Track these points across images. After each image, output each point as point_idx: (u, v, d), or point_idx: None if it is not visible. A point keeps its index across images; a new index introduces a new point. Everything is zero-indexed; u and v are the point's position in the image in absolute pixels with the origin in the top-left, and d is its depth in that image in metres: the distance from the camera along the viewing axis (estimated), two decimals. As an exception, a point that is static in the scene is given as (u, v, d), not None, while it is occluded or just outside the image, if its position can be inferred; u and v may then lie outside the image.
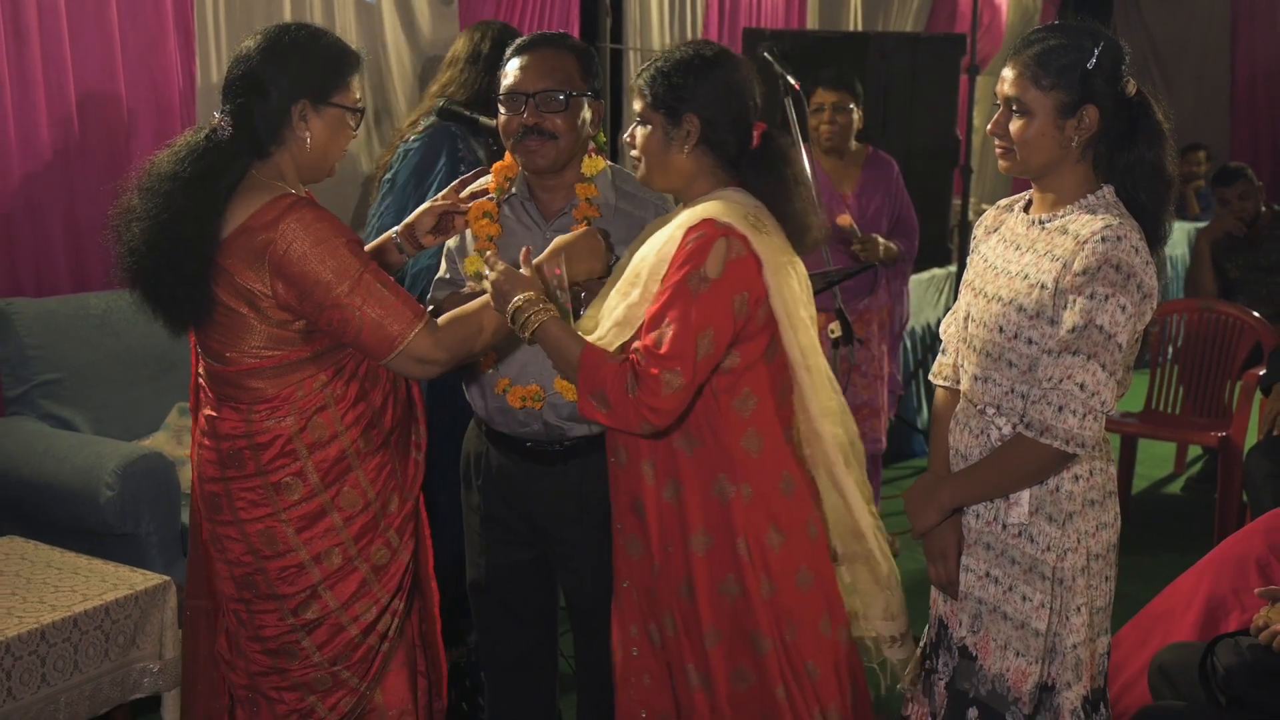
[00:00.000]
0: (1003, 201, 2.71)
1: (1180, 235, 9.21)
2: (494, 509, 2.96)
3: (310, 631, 2.57)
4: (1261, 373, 5.15)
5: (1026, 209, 2.59)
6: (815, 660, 2.57)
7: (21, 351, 3.96)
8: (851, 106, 4.93)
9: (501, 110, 2.80)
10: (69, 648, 2.96)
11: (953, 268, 6.80)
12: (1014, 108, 2.45)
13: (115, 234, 2.46)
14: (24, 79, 4.08)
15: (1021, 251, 2.51)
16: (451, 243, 2.91)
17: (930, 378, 2.84)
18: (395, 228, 2.84)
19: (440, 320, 2.53)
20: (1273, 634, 2.76)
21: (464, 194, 2.86)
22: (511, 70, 2.79)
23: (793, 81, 4.35)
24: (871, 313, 5.08)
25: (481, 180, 2.93)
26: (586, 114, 2.79)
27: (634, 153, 2.53)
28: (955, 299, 2.74)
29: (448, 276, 2.97)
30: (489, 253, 2.56)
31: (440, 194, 2.87)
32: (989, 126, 2.53)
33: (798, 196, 2.52)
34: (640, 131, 2.51)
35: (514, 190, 2.88)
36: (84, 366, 4.07)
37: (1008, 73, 2.46)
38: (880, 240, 4.88)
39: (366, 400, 2.56)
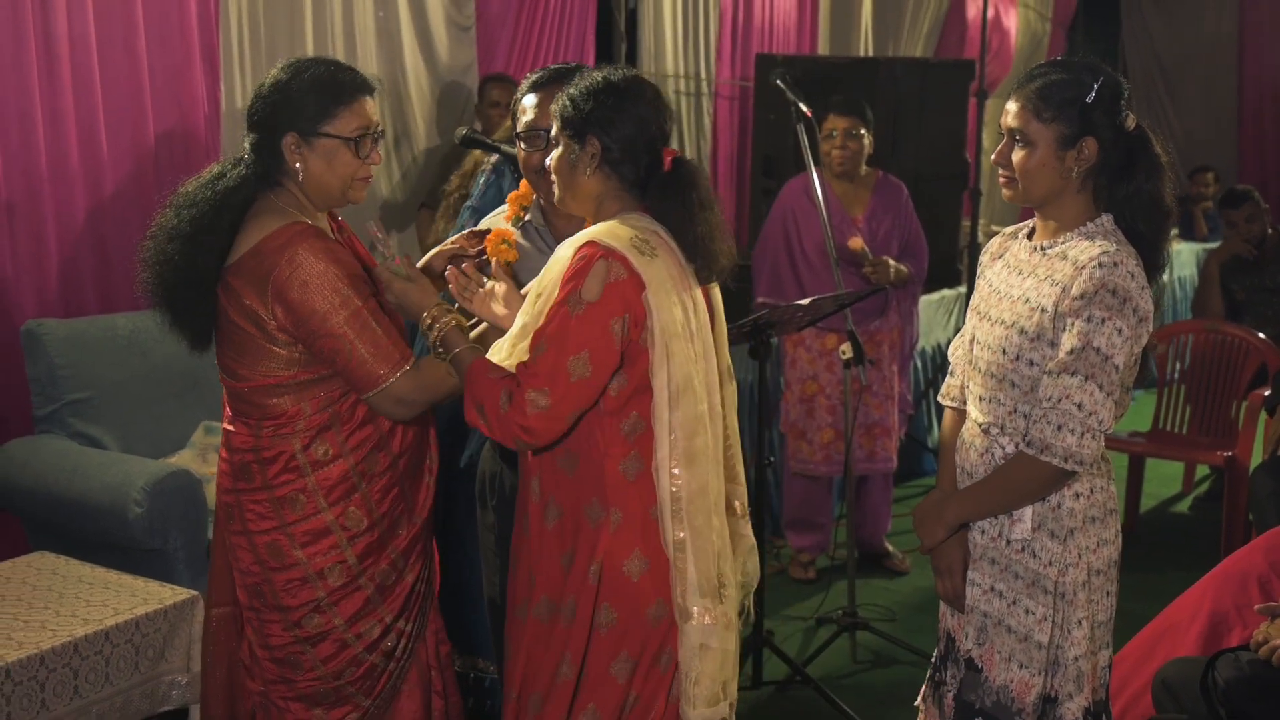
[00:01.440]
0: (1008, 229, 2.80)
1: (1189, 256, 9.25)
2: (507, 529, 3.00)
3: (314, 644, 2.64)
4: (1266, 393, 5.21)
5: (1030, 236, 2.67)
6: (641, 694, 2.48)
7: (51, 371, 4.03)
8: (863, 132, 5.01)
9: (521, 146, 2.88)
10: (101, 660, 3.03)
11: (962, 289, 6.86)
12: (1016, 138, 2.54)
13: (141, 253, 2.58)
14: (55, 106, 4.18)
15: (1023, 276, 2.59)
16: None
17: (939, 399, 2.91)
18: None
19: (423, 361, 2.59)
20: (1272, 649, 2.83)
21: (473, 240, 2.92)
22: (529, 106, 2.86)
23: (804, 109, 4.42)
24: (882, 334, 5.15)
25: (495, 214, 3.01)
26: None
27: (553, 176, 2.57)
28: (964, 320, 2.81)
29: None
30: (396, 262, 2.56)
31: (451, 239, 2.94)
32: (993, 156, 2.61)
33: (701, 221, 2.49)
34: (554, 153, 2.55)
35: (528, 217, 2.96)
36: (112, 385, 4.14)
37: (1011, 105, 2.55)
38: (891, 263, 4.95)
39: (374, 423, 2.63)
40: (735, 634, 2.56)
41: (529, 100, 2.86)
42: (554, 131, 2.53)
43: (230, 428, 2.65)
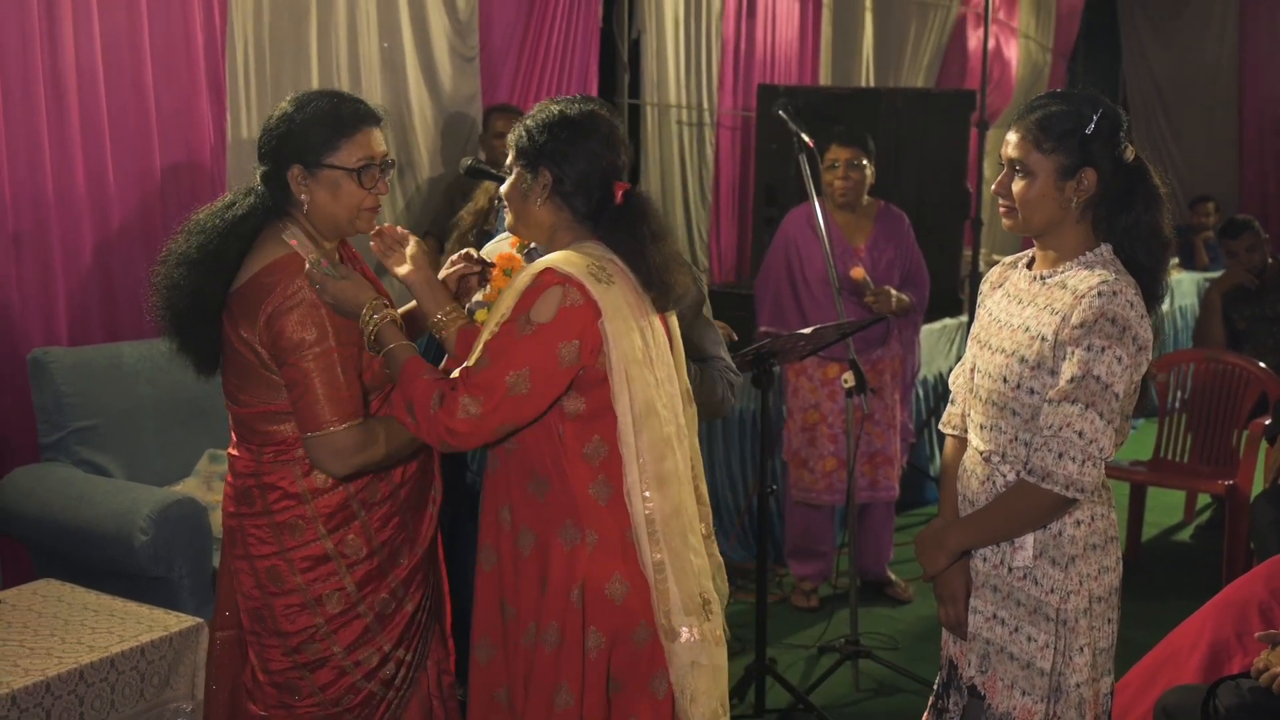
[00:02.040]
0: (1007, 259, 2.82)
1: (1189, 285, 9.28)
2: None
3: (312, 671, 2.64)
4: (1267, 422, 5.23)
5: (1029, 265, 2.70)
6: (642, 718, 2.51)
7: (58, 399, 4.05)
8: (865, 162, 5.04)
9: None
10: (106, 687, 3.04)
11: (963, 318, 6.88)
12: (1016, 169, 2.57)
13: (152, 278, 2.61)
14: (62, 136, 4.21)
15: (1023, 305, 2.61)
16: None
17: (940, 427, 2.93)
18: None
19: (371, 423, 2.57)
20: (1272, 676, 2.85)
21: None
22: None
23: (807, 139, 4.44)
24: (884, 363, 5.17)
25: (500, 240, 3.03)
26: None
27: (506, 204, 2.62)
28: (966, 349, 2.83)
29: None
30: (324, 265, 2.54)
31: (451, 259, 2.96)
32: (993, 186, 2.64)
33: (655, 253, 2.53)
34: (508, 181, 2.59)
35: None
36: (118, 413, 4.16)
37: (1011, 136, 2.59)
38: (892, 292, 4.98)
39: None
40: (725, 650, 2.58)
41: None
42: (509, 160, 2.58)
43: (234, 452, 2.68)
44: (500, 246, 3.04)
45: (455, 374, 2.43)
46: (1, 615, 3.19)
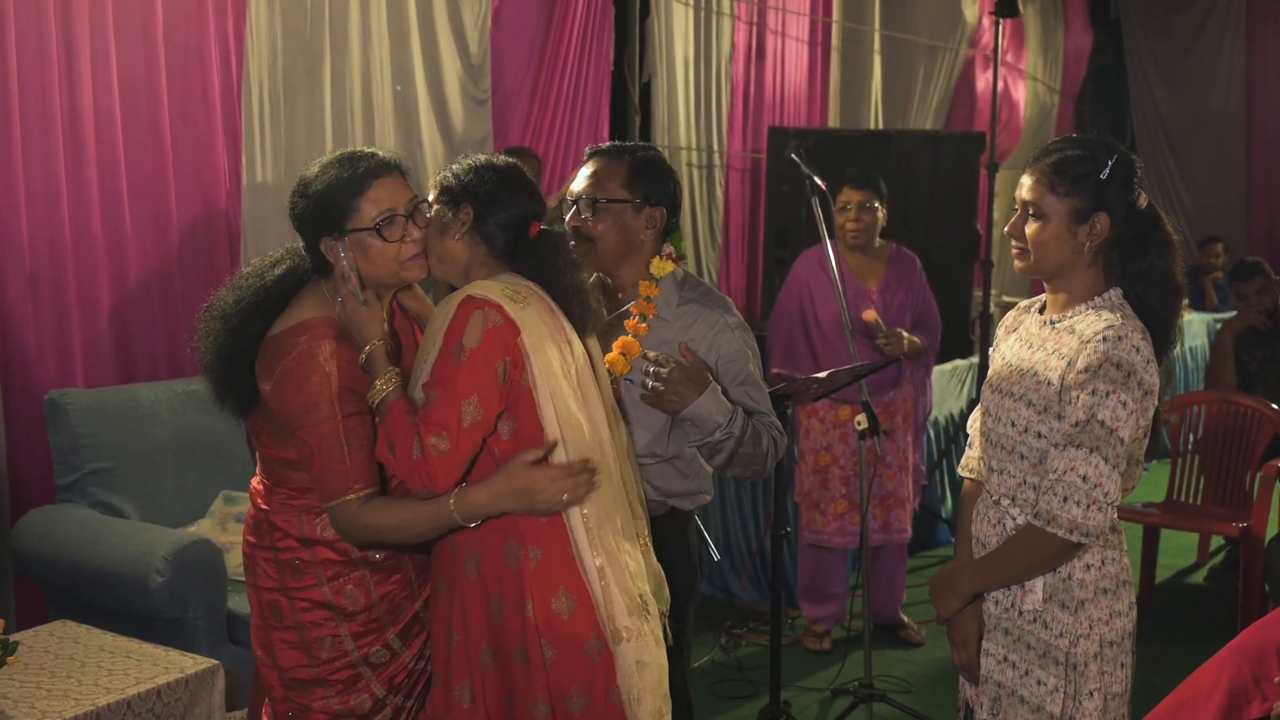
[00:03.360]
0: (1023, 303, 2.84)
1: (1199, 326, 9.28)
2: None
3: (306, 710, 2.65)
4: (1280, 464, 5.22)
5: (1042, 310, 2.71)
6: None
7: (74, 440, 4.07)
8: (876, 205, 5.06)
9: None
10: (122, 729, 3.05)
11: (974, 359, 6.87)
12: (1030, 211, 2.60)
13: (198, 323, 2.65)
14: (79, 179, 4.26)
15: (1033, 350, 2.63)
16: None
17: (958, 470, 2.94)
18: None
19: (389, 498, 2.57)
20: (1291, 720, 2.83)
21: None
22: (580, 175, 3.02)
23: (819, 182, 4.46)
24: (896, 405, 5.17)
25: None
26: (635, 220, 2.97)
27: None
28: (977, 390, 2.84)
29: None
30: (352, 283, 2.57)
31: None
32: (1006, 228, 2.67)
33: (570, 278, 2.64)
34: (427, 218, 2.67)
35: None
36: (133, 455, 4.18)
37: (1026, 179, 2.61)
38: (904, 334, 4.98)
39: None
40: (664, 651, 2.62)
41: (583, 170, 3.00)
42: (431, 198, 2.67)
43: (256, 485, 2.70)
44: None
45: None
46: (18, 657, 3.20)
